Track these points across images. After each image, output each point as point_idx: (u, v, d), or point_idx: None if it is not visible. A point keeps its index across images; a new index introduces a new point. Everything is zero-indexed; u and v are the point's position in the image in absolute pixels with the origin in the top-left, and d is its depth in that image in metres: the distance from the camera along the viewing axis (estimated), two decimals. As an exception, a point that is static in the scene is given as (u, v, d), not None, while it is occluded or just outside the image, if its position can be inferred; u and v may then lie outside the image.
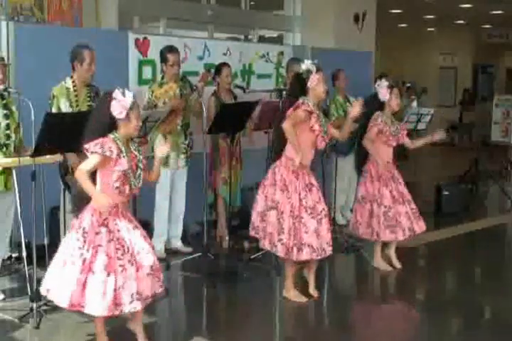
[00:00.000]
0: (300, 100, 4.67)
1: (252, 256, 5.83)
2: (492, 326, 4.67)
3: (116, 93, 3.58)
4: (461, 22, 16.07)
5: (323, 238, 4.70)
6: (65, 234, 4.76)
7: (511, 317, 4.81)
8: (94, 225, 3.61)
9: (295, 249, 4.64)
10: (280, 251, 4.69)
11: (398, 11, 14.04)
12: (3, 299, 4.71)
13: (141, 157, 3.74)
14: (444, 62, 17.92)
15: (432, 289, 5.47)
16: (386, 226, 5.49)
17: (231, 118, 5.49)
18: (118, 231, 3.64)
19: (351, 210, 7.46)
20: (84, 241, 3.59)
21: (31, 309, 4.27)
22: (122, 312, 3.62)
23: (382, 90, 5.50)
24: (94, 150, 3.54)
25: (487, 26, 17.29)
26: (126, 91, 3.60)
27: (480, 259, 6.39)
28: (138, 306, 3.62)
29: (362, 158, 5.65)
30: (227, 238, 6.15)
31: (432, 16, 15.18)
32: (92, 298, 3.54)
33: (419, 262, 6.28)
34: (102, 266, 3.54)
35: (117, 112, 3.58)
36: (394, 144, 5.58)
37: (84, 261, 3.56)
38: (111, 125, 3.62)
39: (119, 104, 3.57)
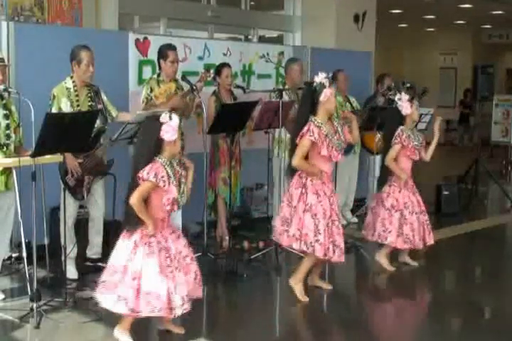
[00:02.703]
0: (306, 126, 4.72)
1: (252, 256, 5.83)
2: (492, 326, 4.67)
3: (164, 117, 3.79)
4: (461, 22, 16.05)
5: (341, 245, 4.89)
6: (65, 234, 4.79)
7: (511, 317, 4.81)
8: (144, 237, 3.86)
9: (331, 249, 4.80)
10: (318, 251, 4.77)
11: (398, 11, 14.03)
12: (3, 299, 4.71)
13: (182, 172, 3.95)
14: (444, 63, 17.91)
15: (432, 289, 5.47)
16: (418, 233, 5.58)
17: (231, 118, 5.49)
18: (165, 241, 3.91)
19: (351, 210, 7.51)
20: (135, 253, 3.84)
21: (31, 309, 4.27)
22: (176, 316, 3.91)
23: (405, 104, 5.50)
24: (149, 178, 3.78)
25: (487, 26, 17.28)
26: (172, 115, 3.81)
27: (480, 259, 6.39)
28: (188, 307, 3.92)
29: (387, 171, 5.65)
30: (227, 238, 6.16)
31: (432, 16, 15.17)
32: (147, 300, 3.78)
33: (419, 262, 6.26)
34: (155, 272, 3.80)
35: (170, 135, 3.79)
36: (417, 158, 5.62)
37: (135, 270, 3.81)
38: (158, 148, 3.85)
39: (170, 127, 3.79)
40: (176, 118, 3.82)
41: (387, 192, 5.65)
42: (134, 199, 3.79)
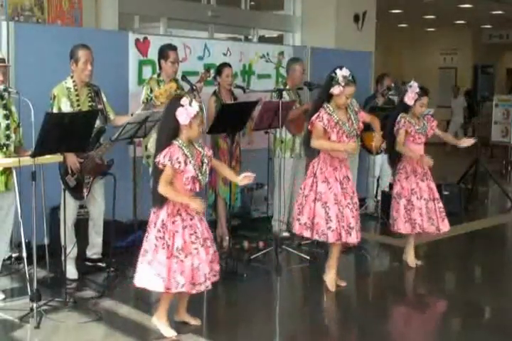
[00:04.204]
0: (317, 113, 4.90)
1: (252, 256, 5.83)
2: (492, 326, 4.67)
3: (185, 100, 3.91)
4: (461, 22, 16.07)
5: (357, 227, 4.98)
6: (65, 234, 4.80)
7: (511, 317, 4.81)
8: (170, 216, 4.02)
9: (343, 233, 4.92)
10: (331, 238, 4.94)
11: (398, 11, 14.04)
12: (3, 299, 4.71)
13: (205, 152, 4.08)
14: (444, 62, 17.92)
15: (432, 289, 5.47)
16: (428, 218, 5.61)
17: (231, 118, 5.48)
18: (191, 219, 4.06)
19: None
20: (164, 232, 4.00)
21: (31, 309, 4.26)
22: (198, 291, 4.07)
23: (411, 94, 5.51)
24: (165, 162, 3.92)
25: (487, 26, 17.30)
26: (194, 102, 3.93)
27: (480, 259, 6.39)
28: (209, 285, 4.10)
29: (395, 157, 5.74)
30: (227, 238, 6.15)
31: (432, 16, 15.18)
32: (173, 277, 3.97)
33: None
34: (180, 249, 3.97)
35: (182, 118, 3.92)
36: (422, 141, 5.64)
37: (168, 247, 3.98)
38: (176, 128, 3.97)
39: (185, 111, 3.91)
40: (195, 105, 3.92)
41: (394, 180, 5.79)
42: (162, 187, 3.95)
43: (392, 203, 5.76)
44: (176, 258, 3.97)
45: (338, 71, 4.91)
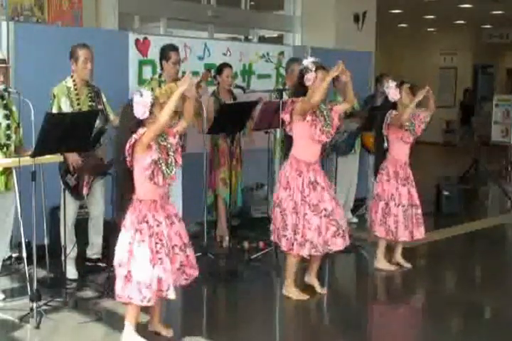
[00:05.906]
0: (292, 99, 4.77)
1: (252, 256, 5.83)
2: (492, 326, 4.67)
3: (135, 96, 3.77)
4: (461, 22, 16.05)
5: (323, 236, 4.76)
6: (65, 234, 4.80)
7: (511, 317, 4.81)
8: (135, 223, 3.81)
9: (296, 244, 4.75)
10: (284, 246, 4.83)
11: (398, 11, 14.03)
12: (3, 299, 4.71)
13: (169, 144, 3.85)
14: (444, 62, 17.91)
15: (432, 289, 5.47)
16: (405, 226, 5.53)
17: (231, 118, 5.49)
18: (157, 225, 3.84)
19: (352, 211, 7.50)
20: (132, 241, 3.81)
21: (31, 309, 4.26)
22: (162, 297, 3.84)
23: (391, 91, 5.50)
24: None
25: (487, 26, 17.28)
26: (143, 91, 3.78)
27: (480, 259, 6.39)
28: (173, 295, 3.84)
29: (380, 160, 5.68)
30: (227, 238, 6.16)
31: (432, 16, 15.17)
32: (137, 289, 3.76)
33: (419, 262, 6.27)
34: (147, 259, 3.76)
35: (141, 113, 3.75)
36: (410, 140, 5.57)
37: (129, 255, 3.79)
38: (138, 126, 3.78)
39: (141, 105, 3.74)
40: (147, 94, 3.76)
41: (376, 180, 5.67)
42: (161, 115, 3.71)
43: (371, 203, 5.70)
44: (141, 271, 3.76)
45: (304, 61, 4.83)
